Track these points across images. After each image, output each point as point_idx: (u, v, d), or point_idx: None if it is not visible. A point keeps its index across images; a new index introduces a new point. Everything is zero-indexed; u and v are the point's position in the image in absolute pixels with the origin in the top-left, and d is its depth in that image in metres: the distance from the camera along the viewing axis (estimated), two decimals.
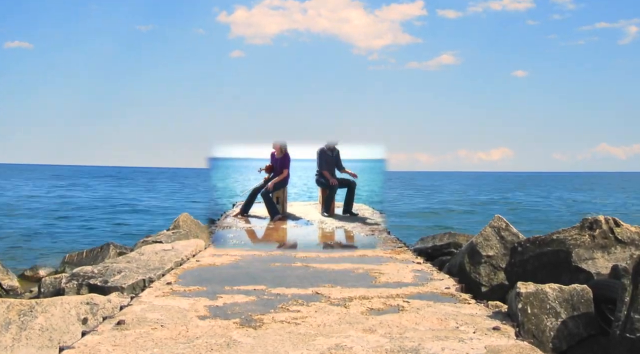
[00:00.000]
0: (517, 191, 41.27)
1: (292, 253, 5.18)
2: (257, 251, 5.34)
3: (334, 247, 5.63)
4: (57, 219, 17.34)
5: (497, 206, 24.77)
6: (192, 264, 4.64)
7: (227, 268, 4.49)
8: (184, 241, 5.89)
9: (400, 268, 4.50)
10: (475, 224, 15.18)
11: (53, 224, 15.82)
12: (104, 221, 17.37)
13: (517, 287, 3.17)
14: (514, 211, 21.99)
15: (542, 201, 29.70)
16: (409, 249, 5.67)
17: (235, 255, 5.07)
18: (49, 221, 16.76)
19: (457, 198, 31.54)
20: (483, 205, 25.78)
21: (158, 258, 4.96)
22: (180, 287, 3.74)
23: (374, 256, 5.09)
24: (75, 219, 17.34)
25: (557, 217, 19.30)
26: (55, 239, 12.70)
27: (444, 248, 6.69)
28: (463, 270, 4.99)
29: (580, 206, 25.06)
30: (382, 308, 3.23)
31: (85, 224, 16.24)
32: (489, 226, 5.20)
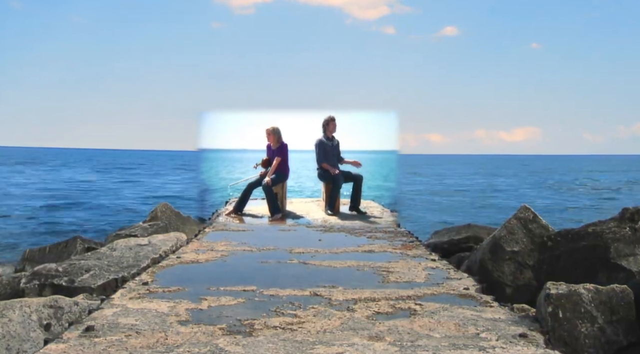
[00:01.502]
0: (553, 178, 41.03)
1: (287, 248, 5.19)
2: (246, 246, 5.34)
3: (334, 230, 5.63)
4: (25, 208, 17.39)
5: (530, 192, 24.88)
6: (172, 261, 4.65)
7: (213, 265, 4.51)
8: (162, 235, 5.92)
9: (411, 265, 4.51)
10: (496, 213, 15.23)
11: (10, 216, 15.86)
12: (70, 210, 17.41)
13: (546, 287, 3.17)
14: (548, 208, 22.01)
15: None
16: (421, 244, 5.69)
17: (222, 250, 5.09)
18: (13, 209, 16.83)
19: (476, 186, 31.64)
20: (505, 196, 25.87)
21: (132, 254, 4.97)
22: (158, 287, 3.75)
23: (381, 252, 5.11)
24: (40, 210, 17.37)
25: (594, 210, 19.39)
26: (12, 232, 12.73)
27: (462, 243, 6.71)
28: (484, 268, 5.01)
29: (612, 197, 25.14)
30: (391, 311, 3.24)
31: (50, 215, 16.28)
32: (514, 218, 5.19)
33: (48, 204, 18.98)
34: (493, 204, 21.96)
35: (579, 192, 27.59)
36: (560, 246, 4.33)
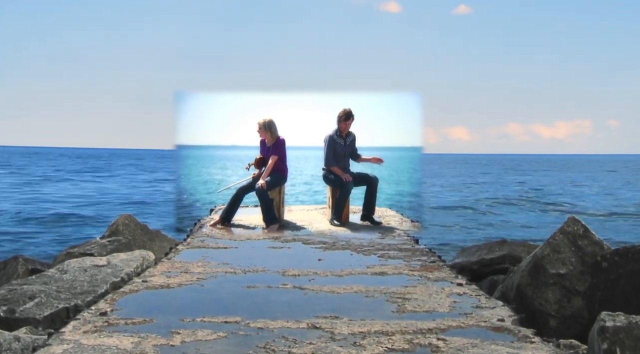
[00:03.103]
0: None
1: (279, 270, 5.17)
2: (229, 267, 5.33)
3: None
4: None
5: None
6: (137, 286, 4.64)
7: (187, 291, 4.49)
8: (125, 254, 5.91)
9: (433, 291, 4.50)
10: (538, 228, 15.22)
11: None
12: (7, 222, 17.38)
13: (600, 319, 3.15)
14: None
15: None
16: (445, 264, 5.67)
17: (199, 273, 5.07)
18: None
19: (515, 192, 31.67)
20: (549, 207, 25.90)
21: (88, 278, 4.95)
22: (119, 319, 3.72)
23: (396, 275, 5.10)
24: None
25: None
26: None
27: (495, 263, 6.70)
28: (523, 295, 4.98)
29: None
30: (408, 348, 3.22)
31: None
32: (559, 232, 5.17)
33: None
34: (536, 215, 21.98)
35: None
36: (618, 267, 4.30)
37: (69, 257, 6.19)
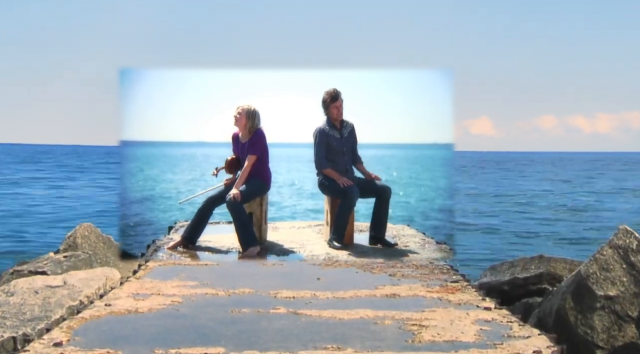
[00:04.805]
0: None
1: (270, 291, 5.19)
2: (210, 287, 5.34)
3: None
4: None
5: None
6: (99, 310, 4.64)
7: (160, 316, 4.48)
8: (84, 272, 5.88)
9: (455, 316, 4.51)
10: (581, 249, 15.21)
11: None
12: None
13: None
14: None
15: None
16: (470, 284, 5.68)
17: (174, 295, 5.07)
18: None
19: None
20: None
21: (39, 301, 4.94)
22: (77, 350, 3.71)
23: (410, 297, 5.11)
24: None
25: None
26: None
27: (530, 283, 6.72)
28: (564, 321, 5.01)
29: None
30: None
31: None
32: (608, 246, 5.21)
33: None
34: (583, 226, 21.97)
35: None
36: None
37: (17, 277, 6.19)
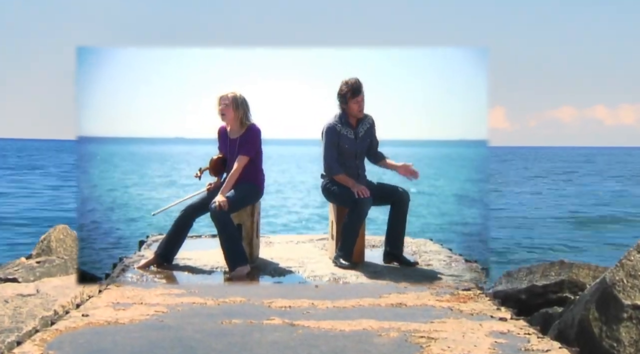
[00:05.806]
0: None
1: (264, 300, 5.22)
2: (197, 296, 5.37)
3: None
4: None
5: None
6: (76, 321, 4.64)
7: (143, 328, 4.49)
8: (59, 279, 5.83)
9: (468, 328, 4.54)
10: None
11: None
12: None
13: None
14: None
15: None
16: (484, 292, 5.70)
17: (157, 304, 5.09)
18: None
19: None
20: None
21: (9, 311, 4.95)
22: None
23: (418, 306, 5.13)
24: None
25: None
26: None
27: (550, 292, 6.72)
28: (588, 333, 5.06)
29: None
30: None
31: None
32: (636, 250, 5.25)
33: None
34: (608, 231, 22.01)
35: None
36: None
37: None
